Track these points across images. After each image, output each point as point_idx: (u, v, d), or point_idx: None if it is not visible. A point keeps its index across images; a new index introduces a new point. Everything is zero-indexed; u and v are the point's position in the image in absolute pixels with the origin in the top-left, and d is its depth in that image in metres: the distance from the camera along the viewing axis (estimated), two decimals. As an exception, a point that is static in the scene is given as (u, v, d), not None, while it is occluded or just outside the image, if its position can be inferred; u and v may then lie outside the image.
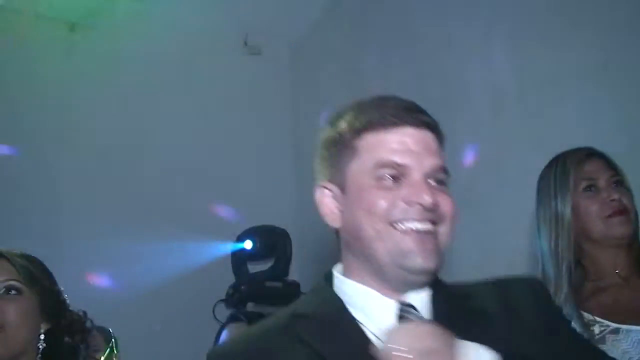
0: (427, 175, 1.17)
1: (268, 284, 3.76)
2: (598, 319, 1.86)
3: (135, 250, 3.50)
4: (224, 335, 2.66)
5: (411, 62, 3.43)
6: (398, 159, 1.15)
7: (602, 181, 1.99)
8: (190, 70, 4.19)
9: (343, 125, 1.21)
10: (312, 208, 1.25)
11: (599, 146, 2.39)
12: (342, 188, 1.20)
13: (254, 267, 3.92)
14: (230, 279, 3.83)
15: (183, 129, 4.08)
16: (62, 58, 3.83)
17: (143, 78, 4.01)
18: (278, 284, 3.79)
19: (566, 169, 2.00)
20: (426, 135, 1.19)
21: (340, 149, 1.20)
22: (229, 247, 3.85)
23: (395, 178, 1.15)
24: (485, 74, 2.95)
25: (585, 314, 1.87)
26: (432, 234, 1.15)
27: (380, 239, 1.14)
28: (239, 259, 3.86)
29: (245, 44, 4.48)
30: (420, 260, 1.13)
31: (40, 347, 1.69)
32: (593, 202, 1.96)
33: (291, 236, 3.88)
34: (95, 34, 3.93)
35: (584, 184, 1.98)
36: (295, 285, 3.83)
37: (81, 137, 3.78)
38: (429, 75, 3.25)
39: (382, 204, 1.14)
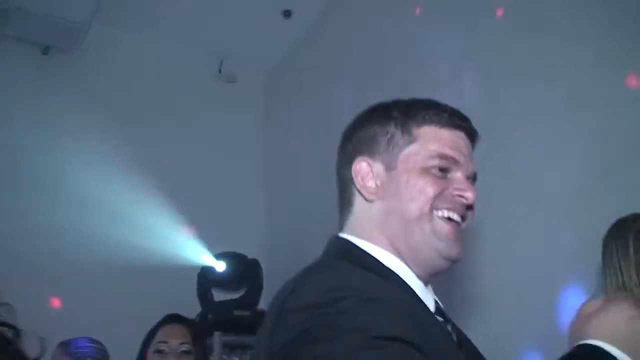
0: (469, 177, 1.29)
1: (236, 312, 3.72)
2: None
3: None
4: None
5: (384, 92, 3.45)
6: (454, 154, 1.26)
7: None
8: (165, 96, 4.19)
9: (398, 113, 1.31)
10: (281, 237, 1.24)
11: (568, 178, 2.43)
12: (388, 167, 1.28)
13: (219, 296, 3.88)
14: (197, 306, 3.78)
15: (157, 154, 4.07)
16: (35, 81, 3.83)
17: (116, 103, 4.00)
18: (247, 313, 3.75)
19: (626, 239, 2.05)
20: (470, 144, 1.33)
21: (393, 133, 1.29)
22: (200, 261, 3.84)
23: (443, 171, 1.26)
24: (456, 105, 2.97)
25: None
26: (460, 226, 1.27)
27: (422, 219, 1.23)
28: (206, 281, 3.82)
29: (220, 71, 4.50)
30: (453, 245, 1.24)
31: None
32: None
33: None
34: (69, 58, 3.93)
35: None
36: (264, 315, 3.78)
37: (55, 159, 3.76)
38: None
39: (432, 189, 1.24)
